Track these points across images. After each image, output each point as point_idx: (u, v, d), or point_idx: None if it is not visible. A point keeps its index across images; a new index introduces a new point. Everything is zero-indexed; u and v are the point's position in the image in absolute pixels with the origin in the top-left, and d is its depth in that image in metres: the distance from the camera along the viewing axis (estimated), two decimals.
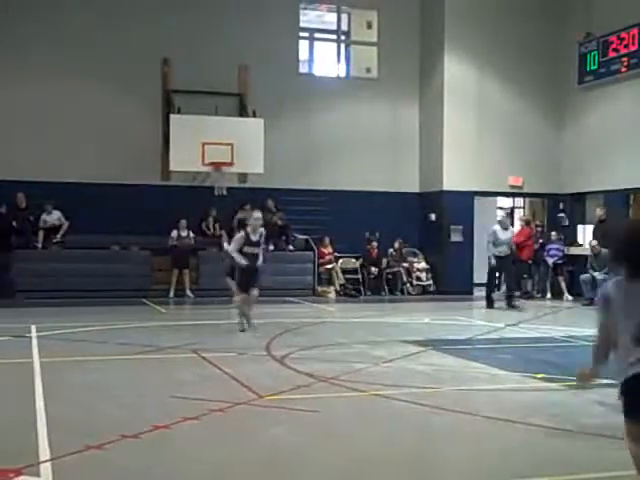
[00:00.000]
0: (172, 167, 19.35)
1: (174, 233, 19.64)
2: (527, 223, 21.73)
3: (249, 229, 13.15)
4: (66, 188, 19.50)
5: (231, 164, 19.35)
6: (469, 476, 5.85)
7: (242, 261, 12.85)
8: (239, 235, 13.27)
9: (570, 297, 20.46)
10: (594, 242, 19.19)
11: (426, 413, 7.45)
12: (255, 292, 13.14)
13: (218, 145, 19.13)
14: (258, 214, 13.43)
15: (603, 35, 20.69)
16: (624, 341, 4.13)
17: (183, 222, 19.73)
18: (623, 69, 20.15)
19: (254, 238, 13.02)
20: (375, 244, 21.46)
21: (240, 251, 12.95)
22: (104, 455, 5.87)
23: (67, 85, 20.25)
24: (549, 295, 20.92)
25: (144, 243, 19.78)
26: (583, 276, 19.28)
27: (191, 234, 19.94)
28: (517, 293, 19.53)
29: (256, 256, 13.04)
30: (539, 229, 21.85)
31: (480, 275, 22.64)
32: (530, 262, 21.09)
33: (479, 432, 6.90)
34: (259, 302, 13.63)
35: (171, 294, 19.35)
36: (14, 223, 19.02)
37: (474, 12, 21.83)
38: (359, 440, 6.57)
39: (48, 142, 19.94)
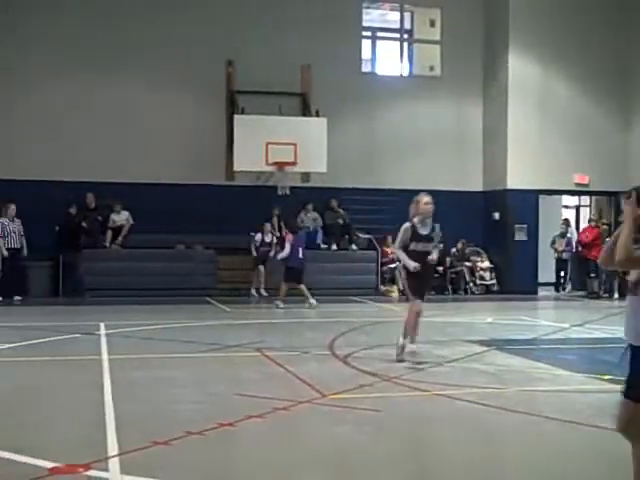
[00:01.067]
0: (236, 167, 19.51)
1: (258, 237, 19.62)
2: (595, 222, 21.42)
3: (416, 219, 10.23)
4: (133, 189, 19.83)
5: (294, 164, 19.43)
6: (530, 478, 5.80)
7: (410, 263, 9.91)
8: (404, 226, 10.29)
9: None
10: None
11: (489, 413, 7.41)
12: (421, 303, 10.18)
13: (281, 145, 19.20)
14: (428, 198, 10.45)
15: None
16: None
17: (267, 226, 19.76)
18: None
19: (424, 231, 10.25)
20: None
21: (406, 249, 10.11)
22: (170, 451, 5.97)
23: (134, 87, 20.58)
24: (616, 295, 20.55)
25: (208, 242, 20.03)
26: None
27: (274, 239, 19.79)
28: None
29: (427, 255, 10.12)
30: (605, 227, 21.50)
31: (544, 274, 22.45)
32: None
33: (543, 433, 6.82)
34: (322, 301, 13.65)
35: (252, 292, 19.46)
36: (83, 223, 19.43)
37: (538, 9, 21.57)
38: (422, 440, 6.58)
39: (116, 144, 20.30)
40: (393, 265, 21.02)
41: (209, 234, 19.87)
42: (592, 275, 20.89)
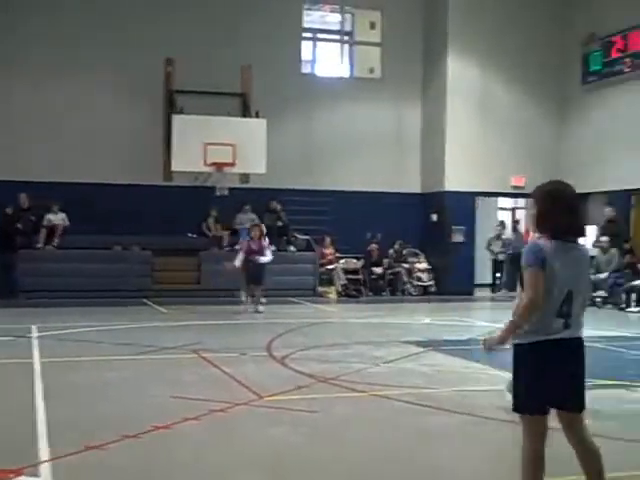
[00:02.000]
0: (174, 167, 19.33)
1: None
2: None
3: None
4: (68, 188, 19.51)
5: (233, 164, 19.33)
6: (467, 478, 5.84)
7: None
8: None
9: None
10: (604, 238, 19.08)
11: (426, 414, 7.45)
12: None
13: (220, 145, 19.10)
14: None
15: (607, 35, 20.69)
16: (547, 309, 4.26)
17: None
18: (626, 69, 20.17)
19: None
20: (375, 245, 21.45)
21: None
22: (104, 455, 5.88)
23: (68, 85, 20.28)
24: None
25: (145, 243, 19.80)
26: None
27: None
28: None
29: None
30: None
31: (481, 276, 22.73)
32: None
33: (479, 433, 6.89)
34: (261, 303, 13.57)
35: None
36: (18, 224, 19.06)
37: (477, 12, 21.85)
38: (358, 441, 6.58)
39: (50, 143, 19.97)
40: (331, 266, 21.09)
41: (146, 235, 19.67)
42: None
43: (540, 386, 4.32)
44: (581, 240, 4.46)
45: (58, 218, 19.55)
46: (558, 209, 4.39)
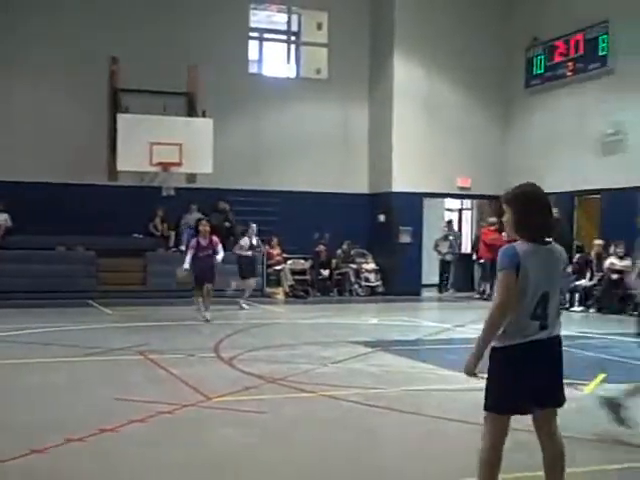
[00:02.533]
0: (119, 167, 19.13)
1: (245, 241, 17.78)
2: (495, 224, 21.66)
3: None
4: (13, 188, 19.18)
5: (179, 164, 19.19)
6: (415, 477, 5.86)
7: None
8: None
9: None
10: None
11: (374, 414, 7.45)
12: None
13: (166, 145, 18.95)
14: None
15: (549, 40, 20.99)
16: (521, 312, 4.29)
17: (254, 227, 18.12)
18: (569, 73, 20.47)
19: None
20: (322, 246, 21.45)
21: None
22: (48, 459, 5.77)
23: (13, 84, 19.93)
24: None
25: (90, 244, 19.53)
26: None
27: (260, 242, 18.77)
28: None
29: None
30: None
31: (428, 276, 22.89)
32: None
33: (427, 433, 6.92)
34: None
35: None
36: None
37: (423, 14, 21.99)
38: (307, 441, 6.55)
39: None
40: (279, 267, 21.05)
41: (91, 235, 19.40)
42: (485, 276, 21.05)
43: (516, 388, 4.34)
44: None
45: (0, 218, 19.20)
46: (534, 210, 4.42)
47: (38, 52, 19.98)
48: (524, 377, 4.33)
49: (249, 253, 17.72)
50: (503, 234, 20.33)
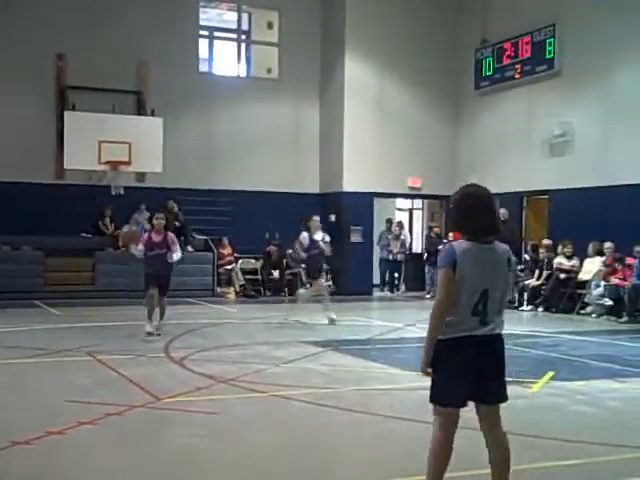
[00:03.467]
0: (66, 165, 18.90)
1: (304, 237, 15.21)
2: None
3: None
4: None
5: (128, 163, 19.01)
6: (366, 477, 5.85)
7: None
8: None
9: None
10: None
11: (325, 413, 7.44)
12: None
13: (115, 144, 18.76)
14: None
15: (498, 42, 21.20)
16: (461, 307, 4.45)
17: (317, 219, 15.53)
18: (517, 75, 20.69)
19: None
20: (274, 246, 21.39)
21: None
22: None
23: None
24: None
25: (37, 243, 19.21)
26: None
27: (327, 237, 15.66)
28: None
29: None
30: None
31: (379, 276, 22.99)
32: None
33: (379, 432, 6.92)
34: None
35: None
36: None
37: (374, 14, 22.04)
38: (257, 441, 6.52)
39: None
40: (229, 267, 20.94)
41: (38, 235, 19.08)
42: None
43: (457, 380, 4.45)
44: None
45: None
46: (475, 211, 4.53)
47: None
48: (463, 370, 4.44)
49: (316, 251, 15.17)
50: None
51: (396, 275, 22.85)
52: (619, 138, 17.93)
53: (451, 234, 19.01)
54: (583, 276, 17.60)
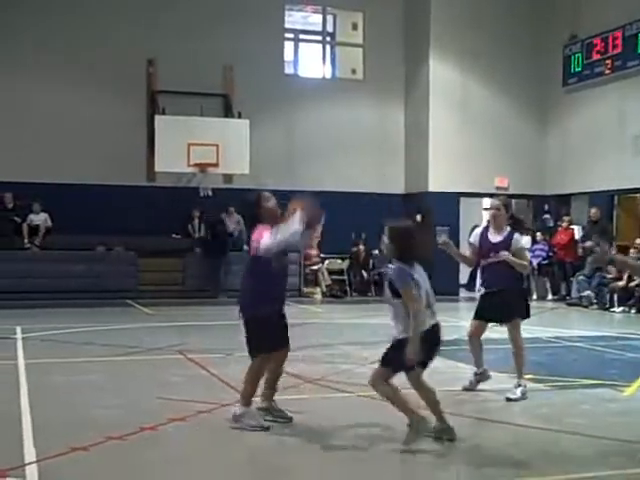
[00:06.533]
0: (157, 168, 19.32)
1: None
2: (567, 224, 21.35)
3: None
4: (52, 189, 19.44)
5: (216, 165, 19.30)
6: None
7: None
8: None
9: (554, 297, 20.58)
10: (589, 243, 19.06)
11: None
12: None
13: (203, 146, 19.07)
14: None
15: (587, 37, 20.79)
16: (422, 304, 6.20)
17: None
18: (607, 71, 20.26)
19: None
20: (362, 246, 21.43)
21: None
22: (89, 457, 5.84)
23: (52, 86, 20.18)
24: (534, 296, 20.90)
25: (130, 244, 19.69)
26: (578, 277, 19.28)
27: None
28: None
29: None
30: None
31: (465, 276, 22.75)
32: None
33: (469, 433, 6.89)
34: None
35: None
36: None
37: (459, 14, 21.90)
38: (343, 441, 6.55)
39: (34, 143, 19.86)
40: (316, 267, 21.04)
41: (130, 235, 19.55)
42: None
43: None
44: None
45: (40, 218, 19.48)
46: (412, 243, 6.36)
47: (81, 55, 20.20)
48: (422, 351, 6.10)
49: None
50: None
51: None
52: None
53: None
54: None
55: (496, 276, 8.37)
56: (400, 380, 6.43)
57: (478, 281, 9.80)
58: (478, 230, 8.95)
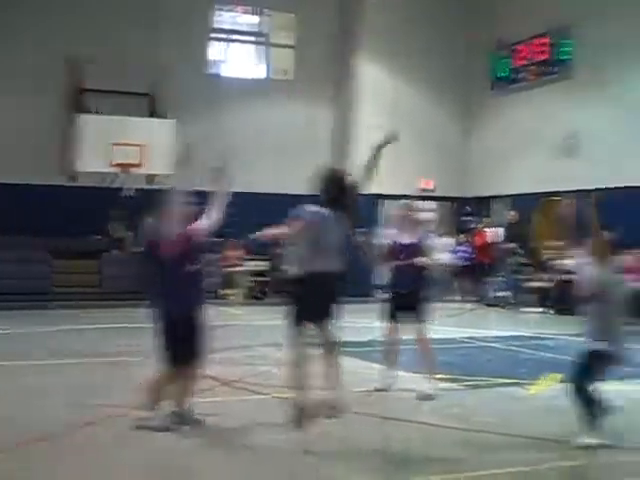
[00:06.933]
0: (79, 168, 19.01)
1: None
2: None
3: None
4: None
5: (139, 165, 19.10)
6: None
7: None
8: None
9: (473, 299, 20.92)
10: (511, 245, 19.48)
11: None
12: None
13: (127, 146, 18.85)
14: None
15: (513, 43, 21.22)
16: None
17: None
18: (531, 77, 20.71)
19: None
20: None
21: None
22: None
23: None
24: (458, 297, 21.12)
25: (46, 245, 19.21)
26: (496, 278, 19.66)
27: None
28: None
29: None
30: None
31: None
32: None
33: (378, 433, 6.96)
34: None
35: None
36: None
37: (389, 17, 22.08)
38: (250, 441, 6.55)
39: None
40: (236, 269, 20.83)
41: (49, 236, 19.12)
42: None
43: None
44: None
45: None
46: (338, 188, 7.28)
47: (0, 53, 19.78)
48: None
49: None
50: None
51: None
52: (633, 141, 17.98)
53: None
54: None
55: (406, 278, 8.58)
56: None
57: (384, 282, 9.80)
58: (389, 231, 9.18)
